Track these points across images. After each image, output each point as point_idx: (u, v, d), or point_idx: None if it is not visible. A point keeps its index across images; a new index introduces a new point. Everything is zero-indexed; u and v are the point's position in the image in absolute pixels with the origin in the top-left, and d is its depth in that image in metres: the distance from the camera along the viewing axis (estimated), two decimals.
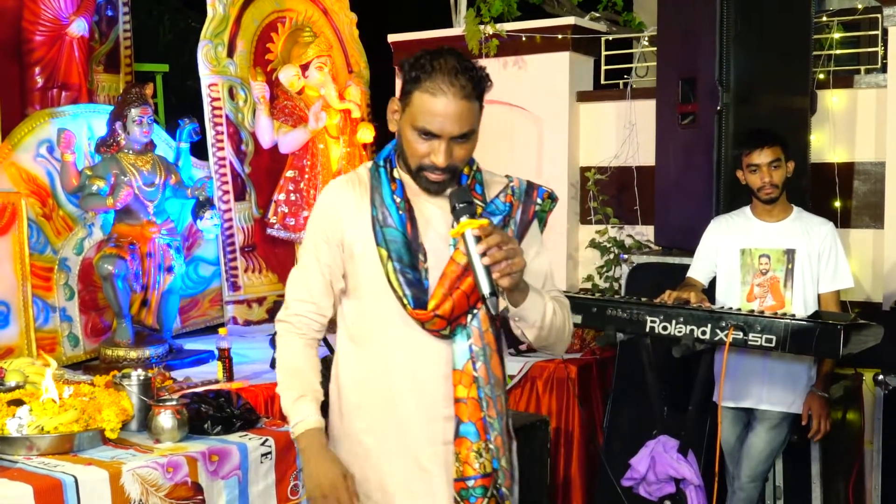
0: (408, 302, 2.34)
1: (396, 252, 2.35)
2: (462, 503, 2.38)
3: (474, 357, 2.37)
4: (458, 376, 2.37)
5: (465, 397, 2.36)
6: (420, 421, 2.40)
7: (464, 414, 2.36)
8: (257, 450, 3.48)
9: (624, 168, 6.15)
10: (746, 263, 4.14)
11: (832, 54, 5.47)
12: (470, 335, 2.38)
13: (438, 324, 2.35)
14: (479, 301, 2.34)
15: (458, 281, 2.33)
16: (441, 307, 2.33)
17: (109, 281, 4.73)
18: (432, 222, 2.40)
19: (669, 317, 3.74)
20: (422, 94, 2.29)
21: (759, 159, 4.05)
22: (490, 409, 2.39)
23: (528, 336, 2.39)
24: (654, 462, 3.93)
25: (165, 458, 3.24)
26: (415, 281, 2.34)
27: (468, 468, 2.36)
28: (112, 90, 6.23)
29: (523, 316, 2.34)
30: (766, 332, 3.55)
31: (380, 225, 2.37)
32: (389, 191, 2.40)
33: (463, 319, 2.37)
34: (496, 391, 2.41)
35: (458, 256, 2.33)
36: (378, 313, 2.41)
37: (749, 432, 4.19)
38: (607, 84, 6.48)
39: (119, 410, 3.42)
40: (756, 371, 4.10)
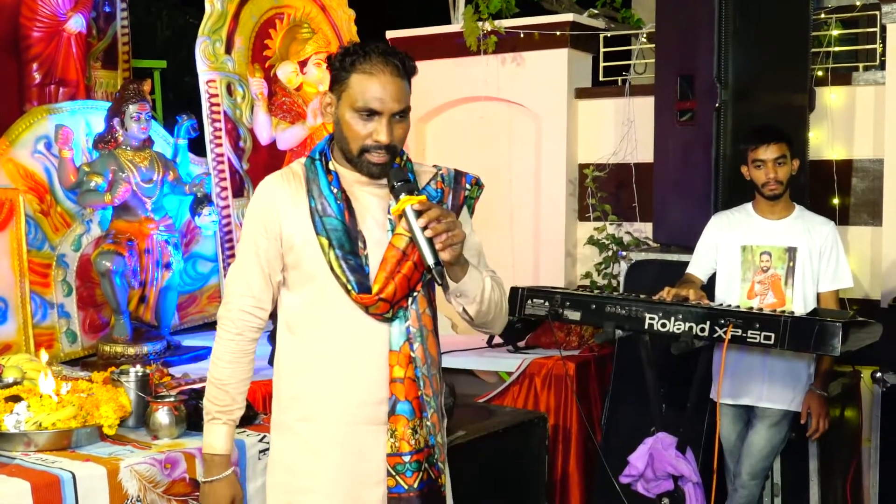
0: (352, 287, 2.40)
1: (337, 240, 2.42)
2: (398, 477, 2.45)
3: (411, 338, 2.45)
4: (394, 357, 2.44)
5: (402, 377, 2.44)
6: (356, 405, 2.46)
7: (400, 393, 2.44)
8: (255, 446, 3.48)
9: (622, 165, 6.14)
10: (747, 260, 4.14)
11: (830, 51, 5.48)
12: (408, 317, 2.45)
13: (382, 307, 2.41)
14: (419, 284, 2.44)
15: (398, 265, 2.40)
16: (384, 290, 2.39)
17: (107, 277, 4.73)
18: (370, 210, 2.48)
19: (668, 314, 3.73)
20: (360, 76, 2.39)
21: (764, 155, 4.05)
22: (427, 387, 2.47)
23: (469, 311, 2.46)
24: (653, 459, 3.93)
25: (163, 455, 3.24)
26: (357, 267, 2.41)
27: (404, 444, 2.44)
28: (110, 86, 6.22)
29: (464, 291, 2.42)
30: (764, 329, 3.55)
31: (319, 215, 2.43)
32: (326, 182, 2.46)
33: (404, 303, 2.44)
34: (432, 370, 2.48)
35: (396, 241, 2.41)
36: (319, 302, 2.46)
37: (749, 430, 4.19)
38: (606, 81, 6.48)
39: (117, 407, 3.42)
40: (755, 368, 4.10)
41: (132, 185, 4.80)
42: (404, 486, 2.45)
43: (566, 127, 6.33)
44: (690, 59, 4.94)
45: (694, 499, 3.85)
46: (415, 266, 2.40)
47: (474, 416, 4.22)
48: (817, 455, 4.45)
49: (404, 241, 2.39)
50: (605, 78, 6.48)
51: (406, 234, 2.38)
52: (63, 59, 5.72)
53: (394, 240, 2.41)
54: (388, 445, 2.45)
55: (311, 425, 2.49)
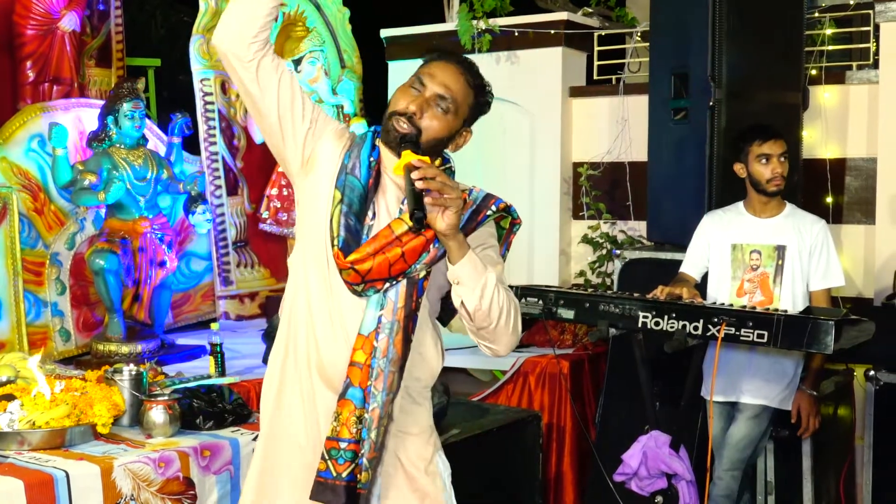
0: (337, 242, 2.40)
1: (349, 198, 2.42)
2: (329, 462, 2.42)
3: (380, 328, 2.42)
4: (360, 341, 2.42)
5: (361, 363, 2.41)
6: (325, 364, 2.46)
7: (355, 378, 2.41)
8: (249, 445, 3.48)
9: (616, 163, 6.15)
10: (737, 259, 4.14)
11: (824, 50, 5.48)
12: (384, 306, 2.42)
13: (353, 277, 2.39)
14: (402, 276, 2.41)
15: (386, 246, 2.38)
16: (360, 263, 2.38)
17: (101, 276, 4.72)
18: (387, 193, 2.49)
19: (662, 312, 3.74)
20: (429, 63, 2.50)
21: (771, 150, 4.07)
22: (377, 381, 2.42)
23: (467, 305, 2.38)
24: (646, 457, 3.94)
25: (157, 453, 3.24)
26: (353, 229, 2.42)
27: (344, 430, 2.41)
28: (104, 84, 6.21)
29: (460, 276, 2.36)
30: (757, 327, 3.55)
31: (346, 172, 2.45)
32: (368, 150, 2.48)
33: (378, 284, 2.41)
34: (391, 367, 2.43)
35: (395, 225, 2.40)
36: (309, 254, 2.48)
37: (731, 424, 4.20)
38: (600, 79, 6.48)
39: (111, 405, 3.42)
40: (743, 366, 4.11)
41: (126, 183, 4.80)
42: (332, 473, 2.42)
43: (560, 125, 6.33)
44: (684, 58, 4.95)
45: (687, 497, 3.86)
46: (403, 256, 2.38)
47: (468, 415, 4.22)
48: (811, 453, 4.46)
49: (403, 228, 2.38)
50: (599, 76, 6.48)
51: (406, 223, 2.37)
52: (57, 58, 5.71)
53: (393, 222, 2.40)
54: (331, 428, 2.43)
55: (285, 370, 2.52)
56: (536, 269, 6.32)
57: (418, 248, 2.39)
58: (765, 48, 4.86)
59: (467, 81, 2.48)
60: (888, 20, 5.11)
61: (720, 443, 4.24)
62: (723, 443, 4.21)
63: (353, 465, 2.42)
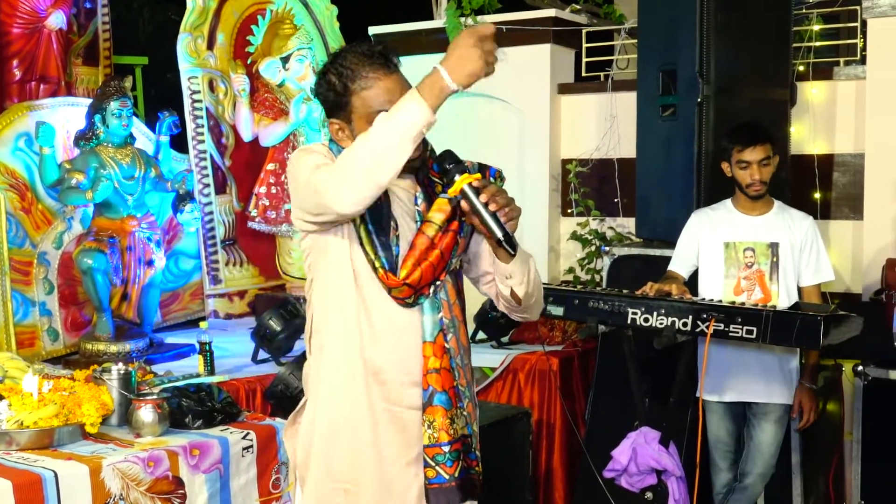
0: (381, 264, 2.39)
1: (372, 218, 2.41)
2: (438, 467, 2.45)
3: (445, 329, 2.46)
4: (429, 348, 2.44)
5: (438, 368, 2.44)
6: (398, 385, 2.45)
7: (437, 384, 2.44)
8: (238, 443, 3.48)
9: (605, 160, 6.15)
10: (731, 257, 4.14)
11: (812, 46, 5.49)
12: (440, 308, 2.45)
13: (406, 292, 2.41)
14: (444, 273, 2.44)
15: (426, 252, 2.40)
16: (411, 276, 2.39)
17: (89, 275, 4.71)
18: (397, 195, 2.48)
19: (651, 309, 3.74)
20: (360, 94, 2.40)
21: (750, 156, 4.05)
22: (461, 378, 2.49)
23: (518, 293, 2.45)
24: (636, 453, 3.94)
25: (146, 453, 3.23)
26: (387, 245, 2.41)
27: (443, 434, 2.44)
28: (91, 83, 6.19)
29: (514, 272, 2.43)
30: (746, 323, 3.56)
31: None
32: None
33: (426, 290, 2.43)
34: (465, 360, 2.52)
35: (427, 229, 2.41)
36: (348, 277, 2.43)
37: (753, 429, 4.18)
38: (588, 76, 6.48)
39: (99, 405, 3.41)
40: (740, 364, 4.10)
41: (114, 182, 4.78)
42: (445, 476, 2.45)
43: (549, 122, 6.33)
44: (672, 55, 4.95)
45: (677, 493, 3.87)
46: (441, 255, 2.41)
47: None
48: (799, 449, 4.47)
49: (433, 230, 2.41)
50: (587, 73, 6.48)
51: (435, 223, 2.40)
52: (44, 56, 5.69)
53: (424, 227, 2.42)
54: (427, 437, 2.44)
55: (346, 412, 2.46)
56: None
57: (451, 244, 2.44)
58: (752, 44, 4.87)
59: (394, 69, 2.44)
60: (875, 16, 5.12)
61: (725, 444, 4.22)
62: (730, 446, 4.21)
63: (462, 461, 2.47)
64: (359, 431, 2.47)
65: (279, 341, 4.74)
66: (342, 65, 2.41)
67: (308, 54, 6.13)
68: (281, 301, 5.05)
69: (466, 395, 2.50)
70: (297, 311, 4.90)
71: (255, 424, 3.65)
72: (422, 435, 2.45)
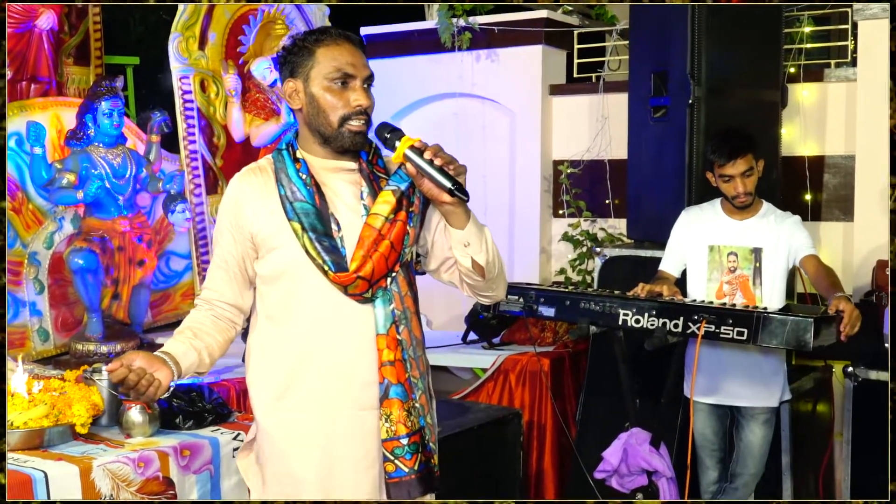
0: (329, 268, 2.42)
1: (310, 223, 2.43)
2: (397, 461, 2.46)
3: (397, 321, 2.46)
4: (383, 340, 2.45)
5: (393, 360, 2.44)
6: (342, 388, 2.46)
7: (392, 376, 2.44)
8: (229, 444, 3.48)
9: (596, 161, 6.16)
10: (714, 260, 4.14)
11: (803, 48, 5.51)
12: (391, 300, 2.46)
13: (361, 286, 2.42)
14: (397, 265, 2.46)
15: (375, 244, 2.42)
16: (362, 269, 2.41)
17: (80, 275, 4.69)
18: (340, 194, 2.50)
19: (642, 310, 3.75)
20: (325, 49, 2.45)
21: (732, 170, 4.01)
22: (413, 369, 2.49)
23: (479, 261, 2.44)
24: (627, 454, 3.95)
25: (137, 453, 3.23)
26: (332, 248, 2.43)
27: (400, 427, 2.45)
28: (82, 83, 6.17)
29: (470, 238, 2.42)
30: (737, 324, 3.57)
31: (289, 201, 2.46)
32: (294, 169, 2.49)
33: (383, 283, 2.45)
34: (417, 352, 2.52)
35: (372, 221, 2.43)
36: (300, 289, 2.47)
37: (741, 431, 4.18)
38: (580, 77, 6.49)
39: (90, 405, 3.40)
40: (730, 366, 4.11)
41: (105, 182, 4.77)
42: (405, 469, 2.46)
43: (540, 123, 6.34)
44: (664, 56, 4.96)
45: (668, 494, 3.88)
46: (391, 246, 2.43)
47: (449, 413, 4.22)
48: (790, 449, 4.49)
49: (380, 221, 2.42)
50: (579, 74, 6.49)
51: (381, 215, 2.42)
52: (34, 56, 5.67)
53: (369, 219, 2.44)
54: (384, 430, 2.45)
55: (299, 414, 2.49)
56: (517, 267, 6.32)
57: (401, 234, 2.45)
58: (744, 46, 4.88)
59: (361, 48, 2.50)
60: (866, 18, 5.13)
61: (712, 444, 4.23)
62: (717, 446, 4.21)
63: (420, 454, 2.48)
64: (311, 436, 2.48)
65: None
66: (312, 33, 2.50)
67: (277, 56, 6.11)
68: None
69: (419, 387, 2.51)
70: None
71: (245, 425, 3.64)
72: (379, 431, 2.46)
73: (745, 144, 4.04)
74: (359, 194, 2.48)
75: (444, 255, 2.55)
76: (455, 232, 2.42)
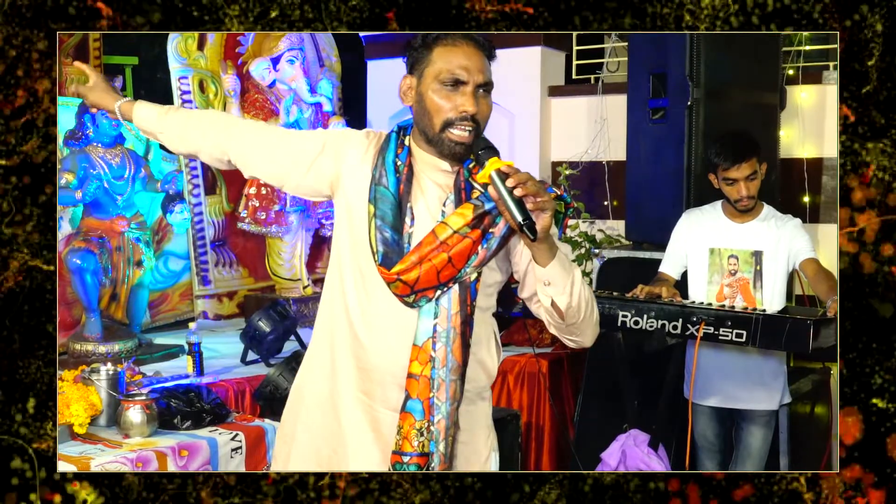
0: (378, 259, 2.35)
1: (381, 211, 2.37)
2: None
3: (436, 337, 2.35)
4: (415, 352, 2.35)
5: (419, 374, 2.35)
6: (382, 384, 2.41)
7: (413, 390, 2.35)
8: (227, 444, 3.47)
9: (595, 163, 6.16)
10: (715, 263, 4.14)
11: (801, 50, 5.51)
12: (437, 314, 2.36)
13: (402, 288, 2.34)
14: (452, 282, 2.35)
15: (431, 253, 2.32)
16: (406, 273, 2.32)
17: (78, 275, 4.69)
18: (426, 193, 2.41)
19: (641, 311, 3.75)
20: (443, 49, 2.36)
21: (736, 174, 3.99)
22: (440, 391, 2.36)
23: (559, 304, 2.32)
24: (625, 456, 3.95)
25: (135, 453, 3.22)
26: (391, 241, 2.36)
27: (406, 444, 2.36)
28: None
29: (552, 278, 2.30)
30: (736, 326, 3.57)
31: (374, 183, 2.39)
32: (394, 153, 2.42)
33: (430, 293, 2.35)
34: (451, 376, 2.37)
35: (439, 230, 2.32)
36: (356, 269, 2.42)
37: (741, 433, 4.18)
38: (579, 79, 6.50)
39: (88, 405, 3.40)
40: (728, 369, 4.11)
41: (103, 182, 4.77)
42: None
43: (539, 125, 6.34)
44: (662, 58, 4.96)
45: None
46: (449, 260, 2.32)
47: None
48: (787, 452, 4.49)
49: (447, 233, 2.31)
50: (578, 76, 6.50)
51: (451, 227, 2.31)
52: None
53: (436, 227, 2.33)
54: (395, 441, 2.38)
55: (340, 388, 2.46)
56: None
57: (466, 252, 2.33)
58: (742, 48, 4.88)
59: (484, 51, 2.39)
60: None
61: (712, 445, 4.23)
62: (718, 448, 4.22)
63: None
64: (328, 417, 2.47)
65: (268, 342, 4.73)
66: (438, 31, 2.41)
67: (298, 56, 6.12)
68: (270, 302, 5.04)
69: (442, 411, 2.37)
70: (287, 312, 4.89)
71: (243, 426, 3.64)
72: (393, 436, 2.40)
73: (749, 148, 4.03)
74: (443, 199, 2.39)
75: (534, 287, 2.40)
76: (537, 268, 2.30)
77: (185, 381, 4.16)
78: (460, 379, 2.40)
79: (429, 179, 2.42)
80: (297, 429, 2.54)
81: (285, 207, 5.89)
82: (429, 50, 2.38)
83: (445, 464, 2.41)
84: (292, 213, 5.92)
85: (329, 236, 6.33)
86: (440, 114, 2.35)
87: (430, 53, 2.37)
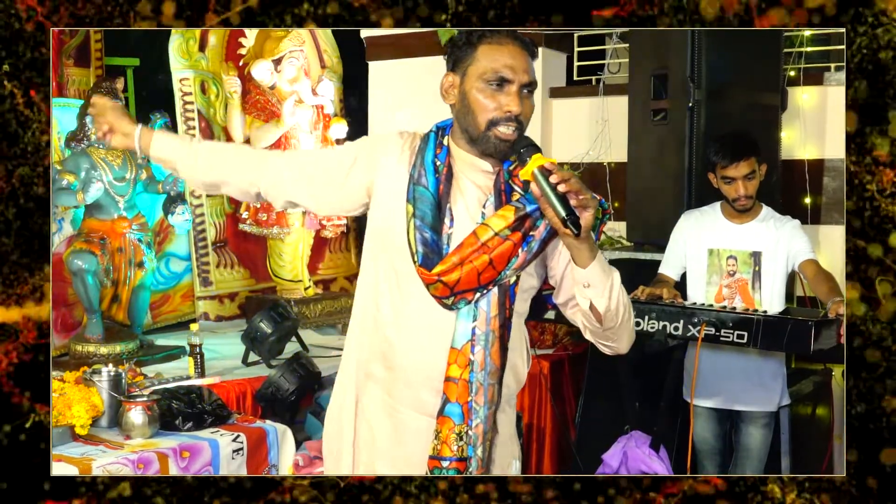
0: (416, 259, 2.32)
1: (421, 211, 2.34)
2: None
3: (475, 340, 2.33)
4: (454, 355, 2.33)
5: (457, 378, 2.32)
6: (413, 387, 2.39)
7: (452, 394, 2.32)
8: (229, 446, 3.48)
9: (596, 164, 6.16)
10: (714, 264, 4.14)
11: (802, 51, 5.51)
12: (476, 317, 2.34)
13: (441, 290, 2.31)
14: (492, 284, 2.32)
15: (472, 254, 2.29)
16: (447, 274, 2.29)
17: (79, 276, 4.69)
18: (465, 193, 2.39)
19: (642, 313, 3.75)
20: (487, 47, 2.34)
21: (734, 173, 4.01)
22: (478, 395, 2.34)
23: (597, 307, 2.30)
24: (626, 457, 3.95)
25: (136, 455, 3.23)
26: (431, 242, 2.33)
27: (446, 448, 2.33)
28: (82, 84, 6.18)
29: (592, 280, 2.28)
30: (737, 328, 3.57)
31: (413, 182, 2.37)
32: (433, 153, 2.40)
33: (469, 295, 2.32)
34: (490, 379, 2.35)
35: (480, 231, 2.30)
36: (390, 269, 2.40)
37: (740, 434, 4.18)
38: (580, 80, 6.49)
39: (89, 406, 3.40)
40: (730, 370, 4.11)
41: (105, 183, 4.77)
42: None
43: (540, 126, 6.33)
44: (664, 59, 4.96)
45: None
46: (490, 262, 2.29)
47: None
48: (789, 452, 4.48)
49: (488, 234, 2.28)
50: (579, 77, 6.50)
51: (492, 228, 2.29)
52: None
53: (478, 229, 2.30)
54: (432, 446, 2.35)
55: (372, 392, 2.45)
56: None
57: (506, 254, 2.30)
58: (744, 49, 4.88)
59: (528, 52, 2.38)
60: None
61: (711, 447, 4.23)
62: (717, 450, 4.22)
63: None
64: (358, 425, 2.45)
65: (270, 344, 4.73)
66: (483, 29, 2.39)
67: (300, 57, 6.12)
68: (272, 303, 5.04)
69: (480, 416, 2.34)
70: (288, 313, 4.89)
71: (245, 427, 3.64)
72: (417, 440, 2.38)
73: (748, 147, 4.04)
74: (483, 201, 2.36)
75: (571, 291, 2.39)
76: (577, 269, 2.28)
77: (186, 383, 4.17)
78: (498, 383, 2.38)
79: (468, 180, 2.40)
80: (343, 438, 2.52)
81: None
82: (473, 48, 2.36)
83: (483, 468, 2.39)
84: (293, 214, 5.92)
85: (330, 238, 6.33)
86: (485, 113, 2.33)
87: (474, 51, 2.35)
